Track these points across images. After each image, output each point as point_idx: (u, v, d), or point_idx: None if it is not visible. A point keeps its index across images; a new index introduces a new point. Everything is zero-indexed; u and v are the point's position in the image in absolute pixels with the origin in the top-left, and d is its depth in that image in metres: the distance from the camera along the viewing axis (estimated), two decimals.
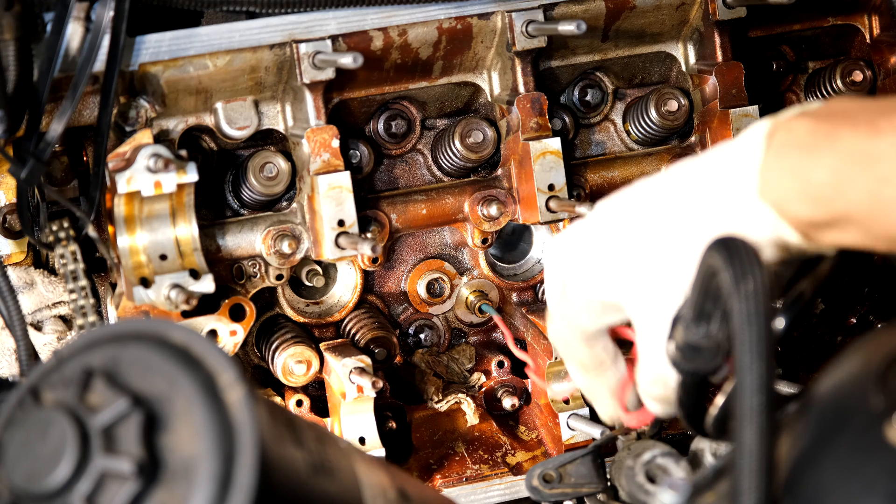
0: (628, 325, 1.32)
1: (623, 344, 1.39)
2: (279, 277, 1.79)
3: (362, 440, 1.78)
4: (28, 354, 1.62)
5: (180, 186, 1.60)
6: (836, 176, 1.10)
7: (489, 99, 1.82)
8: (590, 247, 1.29)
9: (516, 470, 1.86)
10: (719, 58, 1.80)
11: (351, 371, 1.73)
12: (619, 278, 1.26)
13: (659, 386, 1.27)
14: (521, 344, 1.94)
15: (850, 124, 1.11)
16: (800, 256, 1.20)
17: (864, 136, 1.09)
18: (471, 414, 1.91)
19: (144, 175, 1.57)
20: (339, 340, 1.87)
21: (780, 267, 1.21)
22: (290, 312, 1.86)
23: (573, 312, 1.33)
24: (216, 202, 1.80)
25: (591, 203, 1.65)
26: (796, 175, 1.13)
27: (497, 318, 1.88)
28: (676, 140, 1.91)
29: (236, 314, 1.75)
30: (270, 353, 1.82)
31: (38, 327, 1.87)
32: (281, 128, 1.75)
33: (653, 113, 1.85)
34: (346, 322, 1.89)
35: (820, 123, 1.14)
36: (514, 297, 1.95)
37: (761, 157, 1.16)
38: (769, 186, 1.15)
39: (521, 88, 1.76)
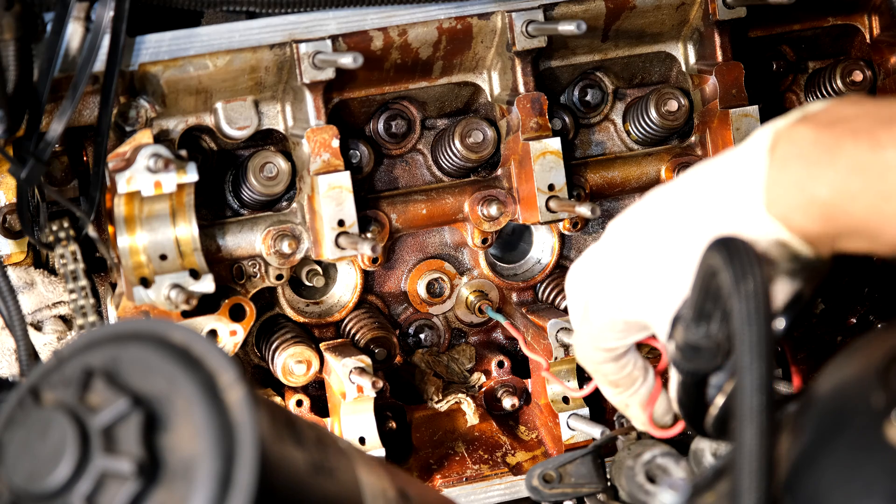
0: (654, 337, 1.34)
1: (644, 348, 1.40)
2: (279, 277, 1.79)
3: (362, 440, 1.77)
4: (28, 354, 1.62)
5: (180, 186, 1.60)
6: (839, 192, 1.10)
7: (489, 99, 1.82)
8: (607, 268, 1.31)
9: (516, 470, 1.86)
10: (719, 58, 1.80)
11: (351, 371, 1.73)
12: (640, 296, 1.27)
13: None
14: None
15: (851, 135, 1.11)
16: (812, 265, 1.20)
17: (865, 148, 1.09)
18: (471, 414, 1.91)
19: (144, 175, 1.57)
20: (339, 340, 1.87)
21: (792, 277, 1.21)
22: (290, 312, 1.86)
23: (598, 334, 1.35)
24: (216, 202, 1.80)
25: (591, 203, 1.65)
26: (800, 189, 1.13)
27: (507, 324, 1.88)
28: (676, 140, 1.91)
29: (236, 314, 1.75)
30: (270, 353, 1.82)
31: (38, 327, 1.87)
32: (281, 128, 1.74)
33: (653, 113, 1.85)
34: (346, 322, 1.89)
35: (822, 132, 1.13)
36: (514, 297, 1.95)
37: (765, 172, 1.16)
38: (775, 201, 1.15)
39: (521, 88, 1.76)
